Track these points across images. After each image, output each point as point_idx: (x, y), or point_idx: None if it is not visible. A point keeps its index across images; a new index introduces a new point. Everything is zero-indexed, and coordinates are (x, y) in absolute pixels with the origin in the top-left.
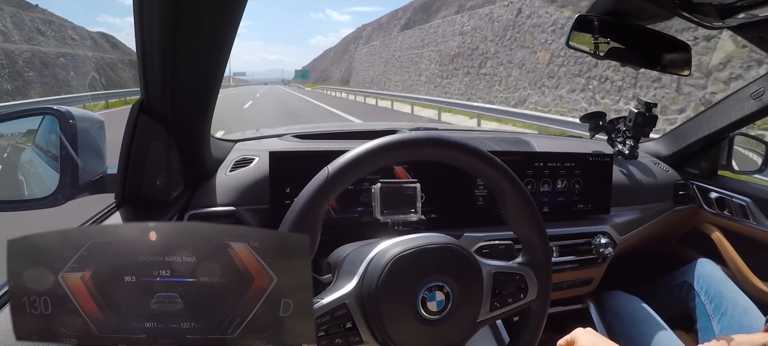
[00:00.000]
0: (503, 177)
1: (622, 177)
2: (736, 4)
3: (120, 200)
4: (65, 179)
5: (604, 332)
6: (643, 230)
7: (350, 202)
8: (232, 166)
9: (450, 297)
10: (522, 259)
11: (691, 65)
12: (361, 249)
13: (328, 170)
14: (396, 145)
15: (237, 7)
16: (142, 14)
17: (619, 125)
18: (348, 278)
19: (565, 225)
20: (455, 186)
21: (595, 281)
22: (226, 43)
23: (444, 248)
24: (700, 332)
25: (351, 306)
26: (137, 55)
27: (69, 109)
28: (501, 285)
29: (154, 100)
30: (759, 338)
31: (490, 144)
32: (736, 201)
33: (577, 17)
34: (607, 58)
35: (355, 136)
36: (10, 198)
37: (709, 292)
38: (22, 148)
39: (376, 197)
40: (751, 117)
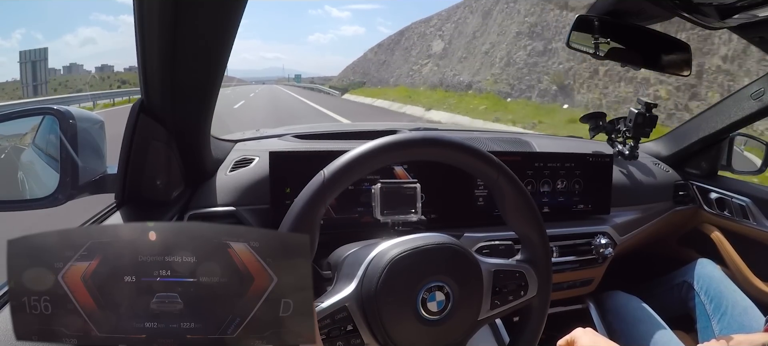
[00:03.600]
0: (500, 175)
1: (622, 177)
2: (736, 4)
3: (120, 200)
4: (65, 179)
5: (604, 332)
6: (643, 231)
7: (350, 202)
8: (232, 166)
9: (450, 297)
10: (521, 256)
11: (691, 65)
12: (360, 251)
13: (324, 174)
14: (392, 146)
15: (237, 7)
16: (141, 14)
17: (619, 126)
18: (348, 280)
19: (565, 225)
20: (455, 186)
21: (595, 281)
22: (226, 42)
23: (444, 248)
24: (700, 332)
25: (351, 308)
26: (137, 55)
27: (69, 109)
28: (501, 283)
29: (154, 100)
30: (759, 338)
31: (489, 144)
32: (736, 201)
33: (577, 17)
34: (607, 59)
35: (355, 137)
36: (10, 198)
37: (708, 292)
38: (22, 148)
39: (376, 197)
40: (751, 117)
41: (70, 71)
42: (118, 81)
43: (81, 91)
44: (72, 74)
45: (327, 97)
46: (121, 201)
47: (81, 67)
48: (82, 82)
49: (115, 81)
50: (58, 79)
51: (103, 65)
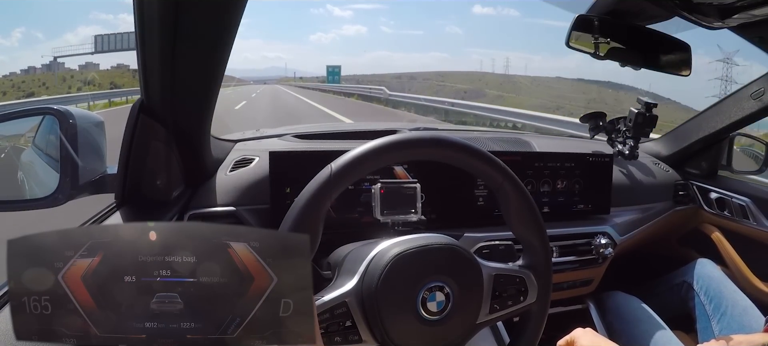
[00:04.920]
0: (505, 179)
1: (622, 177)
2: (736, 4)
3: (120, 200)
4: (65, 179)
5: (604, 332)
6: (643, 230)
7: (350, 202)
8: (232, 166)
9: (450, 298)
10: (522, 261)
11: (691, 65)
12: (361, 248)
13: (331, 168)
14: (398, 145)
15: (237, 7)
16: (142, 14)
17: (619, 125)
18: (348, 276)
19: (565, 225)
20: (455, 186)
21: (595, 281)
22: (227, 42)
23: (444, 249)
24: (700, 332)
25: (351, 304)
26: (137, 55)
27: (69, 109)
28: (501, 287)
29: (154, 100)
30: (758, 338)
31: (490, 144)
32: (736, 201)
33: (577, 17)
34: (607, 59)
35: (355, 137)
36: (10, 198)
37: (708, 292)
38: (22, 148)
39: (376, 197)
40: (751, 117)
41: (49, 69)
42: (80, 82)
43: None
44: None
45: None
46: (121, 201)
47: (62, 66)
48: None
49: (76, 82)
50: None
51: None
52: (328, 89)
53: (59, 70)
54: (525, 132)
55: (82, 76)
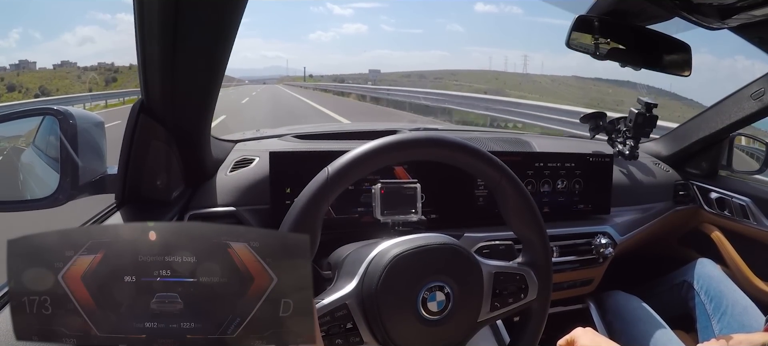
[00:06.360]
0: (503, 177)
1: (623, 177)
2: (736, 5)
3: (120, 200)
4: (65, 180)
5: (604, 332)
6: (644, 230)
7: (350, 202)
8: (232, 166)
9: (450, 297)
10: (522, 259)
11: (691, 65)
12: (361, 249)
13: (328, 171)
14: (397, 145)
15: (237, 7)
16: (142, 14)
17: (619, 126)
18: (348, 278)
19: (565, 225)
20: (455, 186)
21: (596, 281)
22: (227, 42)
23: (444, 249)
24: (700, 332)
25: (351, 306)
26: (137, 55)
27: (69, 109)
28: (501, 285)
29: (154, 100)
30: (758, 338)
31: (490, 144)
32: (736, 201)
33: (577, 17)
34: (607, 59)
35: (355, 137)
36: (10, 198)
37: (709, 291)
38: (22, 149)
39: (376, 197)
40: (751, 117)
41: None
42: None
43: None
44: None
45: None
46: (121, 201)
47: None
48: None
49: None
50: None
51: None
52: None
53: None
54: (525, 132)
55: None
